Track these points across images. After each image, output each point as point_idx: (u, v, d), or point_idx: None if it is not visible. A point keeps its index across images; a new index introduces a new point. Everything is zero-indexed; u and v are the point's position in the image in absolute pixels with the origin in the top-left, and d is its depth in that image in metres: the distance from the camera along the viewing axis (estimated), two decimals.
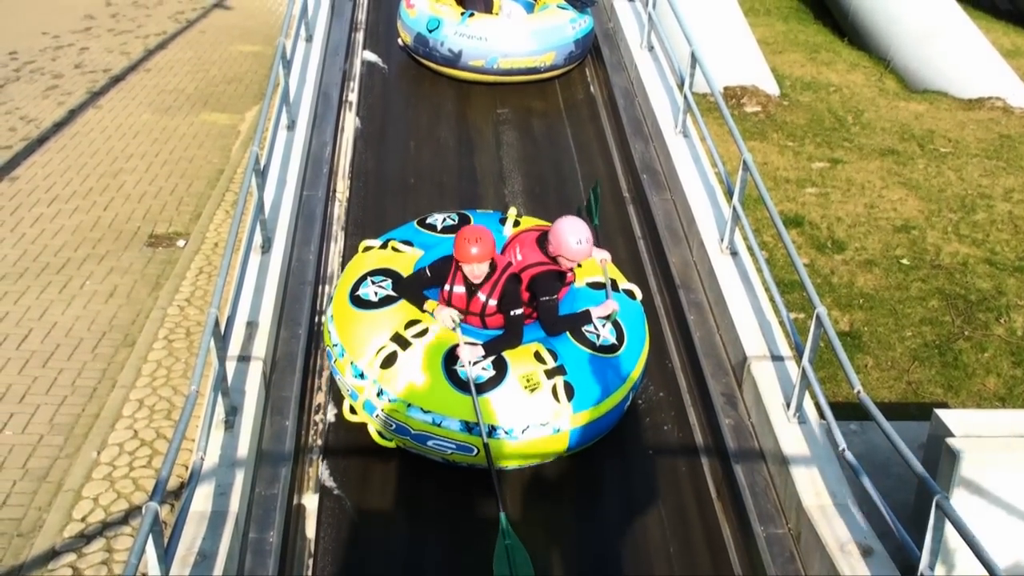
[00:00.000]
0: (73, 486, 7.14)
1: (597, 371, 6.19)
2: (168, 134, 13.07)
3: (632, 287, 6.99)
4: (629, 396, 6.44)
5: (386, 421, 6.09)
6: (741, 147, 7.63)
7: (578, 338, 6.28)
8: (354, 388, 6.21)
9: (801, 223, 11.84)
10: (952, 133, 14.80)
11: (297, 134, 8.99)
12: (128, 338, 8.83)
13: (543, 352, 6.15)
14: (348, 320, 6.35)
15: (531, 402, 5.96)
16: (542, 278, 6.29)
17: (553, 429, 6.01)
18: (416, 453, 6.21)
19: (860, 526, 5.57)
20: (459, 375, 5.95)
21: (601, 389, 6.16)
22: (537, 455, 6.15)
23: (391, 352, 6.09)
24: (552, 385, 6.01)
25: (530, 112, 10.58)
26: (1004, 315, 10.31)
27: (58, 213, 10.88)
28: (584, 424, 6.11)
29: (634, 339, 6.51)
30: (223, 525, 5.29)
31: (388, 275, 6.56)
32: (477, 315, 6.29)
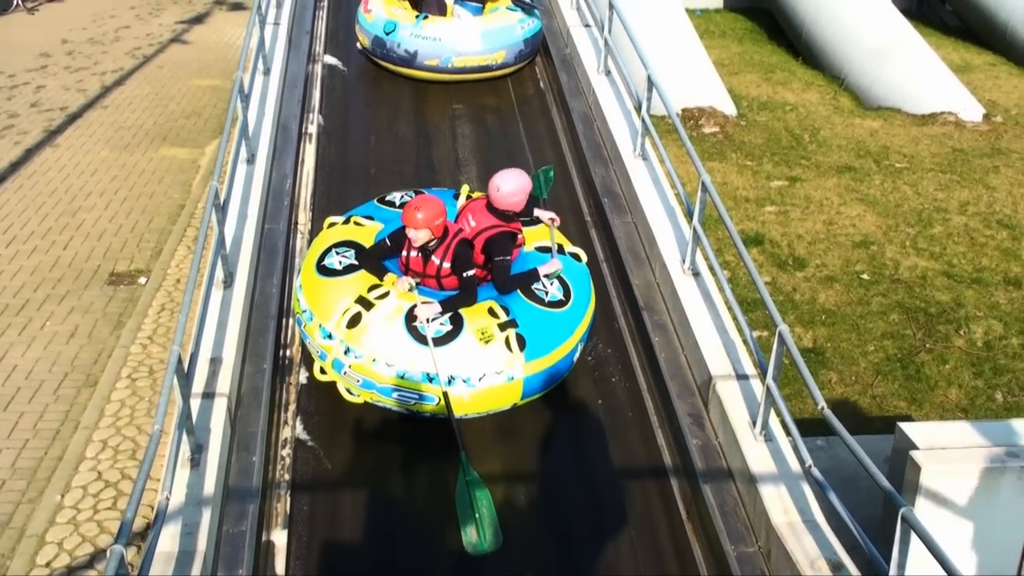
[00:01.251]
0: (37, 531, 7.04)
1: (547, 324, 6.79)
2: (127, 171, 12.99)
3: (578, 251, 7.63)
4: (577, 348, 7.00)
5: (354, 377, 6.60)
6: (699, 168, 7.69)
7: (528, 295, 6.90)
8: (323, 348, 6.72)
9: (762, 242, 11.95)
10: (907, 149, 15.02)
11: (257, 167, 8.97)
12: (90, 378, 8.74)
13: (496, 308, 6.75)
14: (315, 287, 6.89)
15: (486, 353, 6.53)
16: (496, 239, 6.96)
17: (507, 377, 6.57)
18: (382, 407, 6.72)
19: (829, 542, 5.60)
20: (419, 330, 6.50)
21: (551, 340, 6.74)
22: (494, 403, 6.69)
23: (356, 313, 6.64)
24: (505, 337, 6.59)
25: (484, 108, 11.19)
26: (963, 327, 10.44)
27: (16, 254, 10.77)
28: (536, 373, 6.68)
29: (580, 296, 7.12)
30: (191, 565, 5.23)
31: (351, 246, 7.14)
32: (433, 277, 6.88)
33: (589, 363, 7.49)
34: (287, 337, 7.64)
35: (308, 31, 12.32)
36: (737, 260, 11.04)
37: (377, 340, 6.56)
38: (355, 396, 6.77)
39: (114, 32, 19.27)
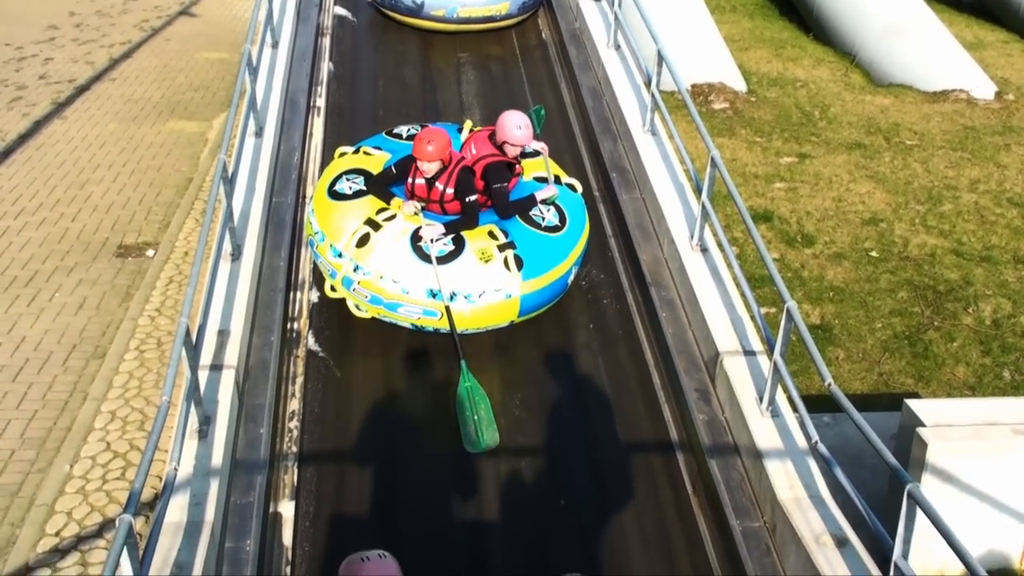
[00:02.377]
0: (46, 500, 7.08)
1: (543, 247, 7.27)
2: (135, 143, 12.98)
3: (573, 181, 8.08)
4: (571, 271, 7.49)
5: (362, 293, 7.09)
6: (709, 144, 7.66)
7: (526, 220, 7.38)
8: (333, 267, 7.21)
9: (770, 218, 11.91)
10: (917, 126, 14.93)
11: (265, 141, 8.96)
12: (99, 350, 8.76)
13: (496, 231, 7.24)
14: (326, 210, 7.38)
15: (486, 271, 7.03)
16: (493, 167, 7.45)
17: (505, 295, 7.08)
18: (389, 322, 7.22)
19: (834, 517, 5.61)
20: (423, 250, 6.98)
21: (547, 262, 7.23)
22: (493, 320, 7.18)
23: (364, 233, 7.14)
24: (504, 257, 7.09)
25: (488, 56, 11.61)
26: (972, 305, 10.41)
27: (25, 226, 10.78)
28: (532, 291, 7.17)
29: (575, 223, 7.59)
30: (199, 535, 5.26)
31: (360, 174, 7.62)
32: (437, 202, 7.32)
33: (583, 287, 8.03)
34: (295, 310, 7.65)
35: None
36: (745, 236, 11.00)
37: (384, 258, 7.03)
38: (363, 312, 7.24)
39: (122, 4, 19.20)
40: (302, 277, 8.01)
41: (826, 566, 5.26)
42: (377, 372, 7.20)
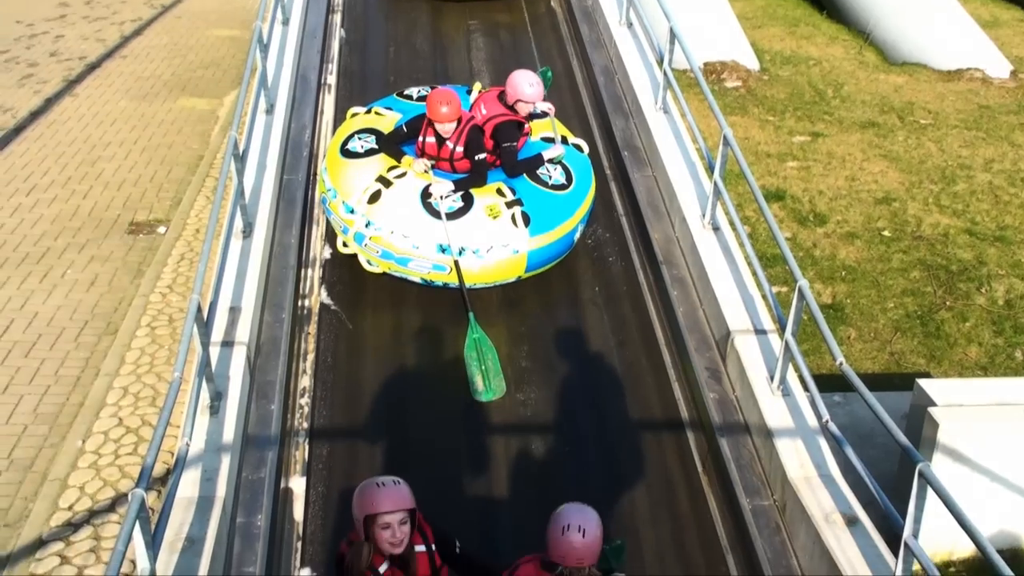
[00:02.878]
0: (59, 475, 7.13)
1: (550, 205, 7.44)
2: (146, 121, 12.98)
3: (580, 141, 8.22)
4: (577, 228, 7.67)
5: (373, 248, 7.28)
6: (721, 122, 7.62)
7: (534, 178, 7.53)
8: (345, 223, 7.40)
9: (783, 197, 11.86)
10: (932, 105, 14.84)
11: (276, 118, 8.94)
12: (111, 326, 8.79)
13: (504, 188, 7.39)
14: (339, 168, 7.57)
15: (494, 226, 7.20)
16: (504, 126, 7.55)
17: (513, 251, 7.25)
18: (399, 276, 7.43)
19: (844, 496, 5.60)
20: (433, 206, 7.15)
21: (553, 219, 7.41)
22: (500, 275, 7.37)
23: (376, 190, 7.31)
24: (511, 214, 7.26)
25: (497, 24, 11.69)
26: (985, 285, 10.37)
27: (37, 202, 10.81)
28: (539, 248, 7.36)
29: (581, 182, 7.76)
30: (210, 510, 5.28)
31: (372, 133, 7.77)
32: (447, 160, 7.48)
33: (589, 245, 8.22)
34: (306, 287, 7.66)
35: None
36: (757, 215, 10.97)
37: (395, 214, 7.22)
38: (374, 267, 7.47)
39: None
40: (313, 255, 8.01)
41: (836, 545, 5.25)
42: (387, 325, 7.42)
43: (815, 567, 5.38)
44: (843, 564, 5.14)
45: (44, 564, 6.43)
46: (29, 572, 6.37)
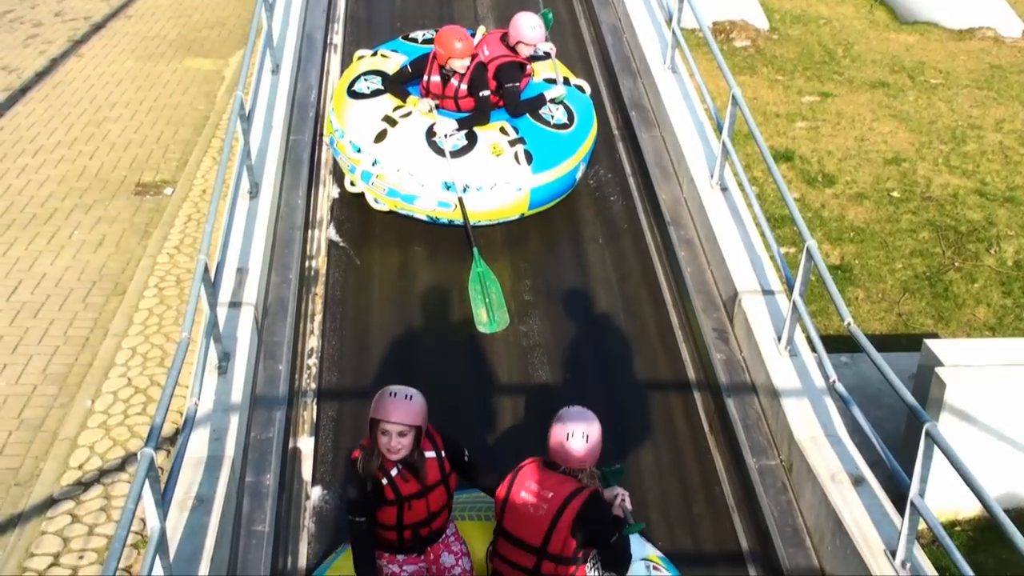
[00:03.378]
0: (69, 435, 7.17)
1: (552, 143, 7.65)
2: (152, 81, 12.92)
3: (582, 82, 8.40)
4: (579, 167, 7.87)
5: (380, 186, 7.50)
6: (730, 82, 7.57)
7: (536, 118, 7.75)
8: (352, 162, 7.63)
9: (791, 158, 11.80)
10: (943, 64, 14.70)
11: (282, 78, 8.90)
12: (118, 287, 8.81)
13: (507, 127, 7.61)
14: (346, 109, 7.80)
15: (497, 164, 7.42)
16: (506, 67, 7.73)
17: (516, 188, 7.48)
18: (405, 214, 7.64)
19: (851, 456, 5.61)
20: (437, 144, 7.36)
21: (555, 157, 7.61)
22: (503, 212, 7.57)
23: (382, 129, 7.53)
24: (514, 152, 7.47)
25: None
26: (994, 245, 10.33)
27: (43, 163, 10.79)
28: (541, 185, 7.56)
29: (583, 122, 7.96)
30: (219, 469, 5.32)
31: (377, 74, 7.95)
32: (451, 99, 7.68)
33: (591, 185, 8.42)
34: (313, 248, 7.66)
35: None
36: (766, 176, 10.91)
37: (401, 152, 7.43)
38: (381, 205, 7.67)
39: None
40: (320, 215, 8.00)
41: (842, 504, 5.27)
42: (394, 261, 7.69)
43: (821, 526, 5.41)
44: (849, 523, 5.16)
45: (55, 522, 6.49)
46: (40, 530, 6.43)
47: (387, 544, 4.67)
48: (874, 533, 5.12)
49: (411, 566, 4.72)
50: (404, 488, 4.50)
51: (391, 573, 4.71)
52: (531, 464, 4.59)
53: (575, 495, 4.40)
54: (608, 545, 4.46)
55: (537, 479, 4.50)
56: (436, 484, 4.59)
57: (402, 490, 4.50)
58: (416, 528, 4.62)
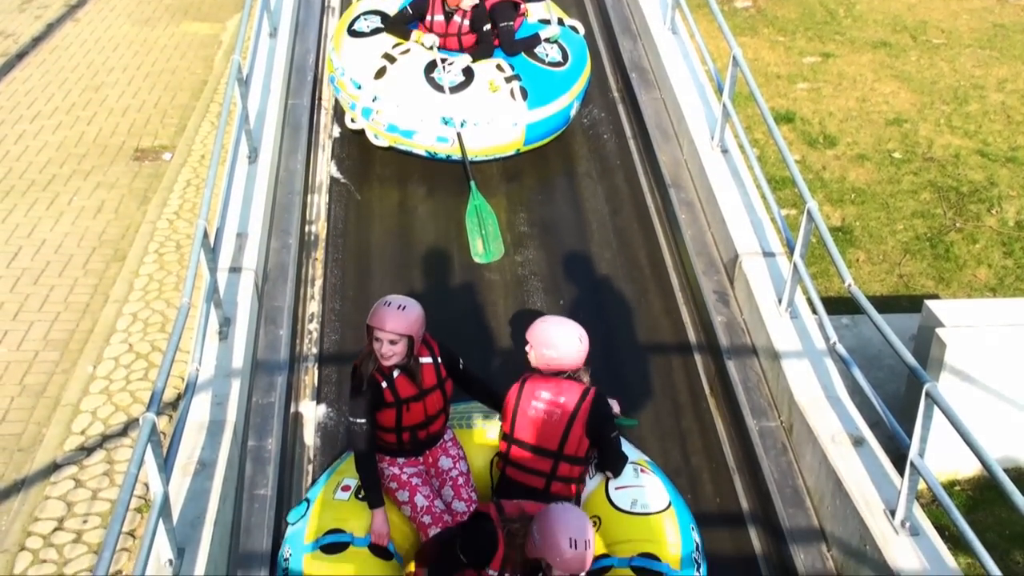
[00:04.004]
0: (71, 400, 7.19)
1: (547, 81, 7.91)
2: (149, 46, 12.84)
3: (575, 23, 8.60)
4: (573, 104, 8.10)
5: (380, 122, 7.76)
6: (731, 43, 7.51)
7: (531, 56, 8.00)
8: (353, 99, 7.86)
9: (792, 119, 11.74)
10: (945, 23, 14.59)
11: (280, 42, 8.84)
12: (118, 253, 8.80)
13: (503, 64, 7.86)
14: (346, 47, 8.00)
15: (494, 99, 7.68)
16: (500, 6, 7.92)
17: (512, 124, 7.72)
18: (404, 150, 7.88)
19: (851, 417, 5.63)
20: (436, 80, 7.59)
21: (550, 94, 7.87)
22: (500, 147, 7.82)
23: (382, 66, 7.76)
24: (510, 88, 7.73)
25: None
26: (996, 206, 10.30)
27: (41, 129, 10.75)
28: (536, 121, 7.81)
29: (577, 60, 8.22)
30: (221, 434, 5.33)
31: (377, 14, 8.14)
32: (455, 36, 7.93)
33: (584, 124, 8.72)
34: (312, 213, 7.64)
35: None
36: (766, 138, 10.86)
37: (400, 88, 7.65)
38: (381, 141, 7.90)
39: None
40: (319, 180, 7.98)
41: (842, 464, 5.29)
42: (393, 196, 7.98)
43: (821, 487, 5.43)
44: (849, 483, 5.18)
45: (59, 487, 6.52)
46: (44, 495, 6.47)
47: (387, 448, 4.92)
48: (874, 493, 5.14)
49: (411, 468, 4.97)
50: (402, 391, 4.75)
51: (392, 475, 4.95)
52: (534, 377, 4.89)
53: (584, 397, 4.79)
54: (608, 442, 4.89)
55: (545, 388, 4.83)
56: (432, 388, 4.85)
57: (400, 393, 4.75)
58: (414, 430, 4.89)
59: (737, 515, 5.77)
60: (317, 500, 5.02)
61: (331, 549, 4.78)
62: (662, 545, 4.77)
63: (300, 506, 5.11)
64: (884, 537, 4.89)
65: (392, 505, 4.96)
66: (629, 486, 5.02)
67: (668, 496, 5.04)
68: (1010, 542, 6.53)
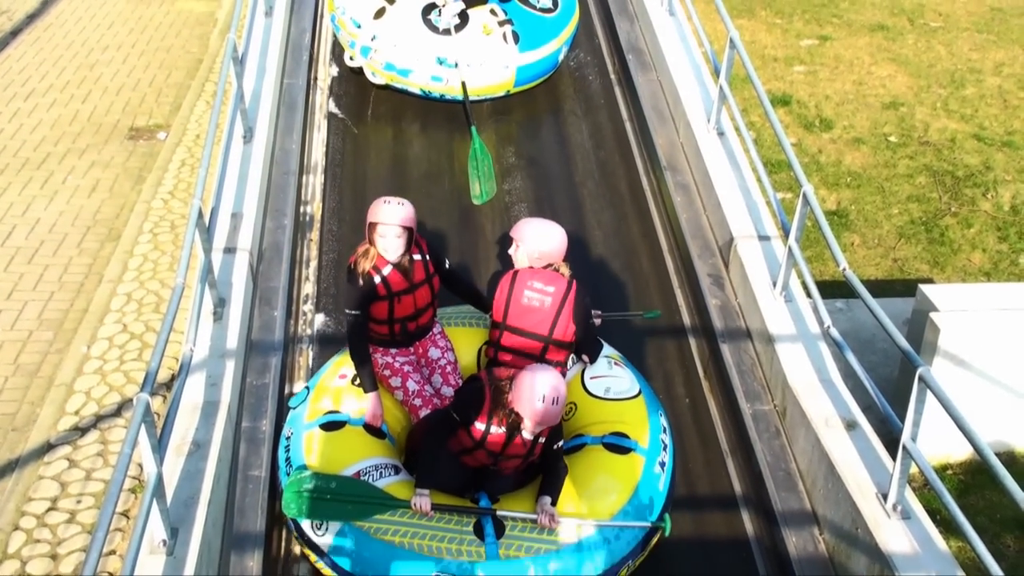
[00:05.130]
0: (65, 380, 7.18)
1: (537, 26, 8.50)
2: (144, 23, 12.78)
3: None
4: (561, 49, 8.71)
5: (378, 60, 8.31)
6: (728, 25, 7.49)
7: (523, 2, 8.58)
8: (352, 37, 8.43)
9: (789, 102, 11.72)
10: (943, 7, 14.56)
11: (275, 21, 8.79)
12: (113, 232, 8.78)
13: (496, 9, 8.42)
14: None
15: (487, 42, 8.27)
16: None
17: (503, 66, 8.31)
18: (400, 89, 8.46)
19: (844, 401, 5.64)
20: (433, 22, 8.16)
21: (540, 38, 8.47)
22: (492, 88, 8.41)
23: (381, 7, 8.32)
24: (503, 32, 8.31)
25: None
26: (991, 190, 10.30)
27: (35, 107, 10.69)
28: (527, 64, 8.42)
29: (566, 8, 8.83)
30: (215, 415, 5.33)
31: None
32: None
33: (571, 67, 9.30)
34: (307, 193, 7.63)
35: None
36: (763, 120, 10.85)
37: (398, 29, 8.17)
38: (378, 79, 8.46)
39: None
40: (315, 160, 7.96)
41: (835, 448, 5.31)
42: (389, 132, 8.46)
43: (814, 470, 5.45)
44: (841, 467, 5.20)
45: (53, 467, 6.52)
46: (38, 475, 6.47)
47: (381, 339, 5.37)
48: (866, 477, 5.16)
49: (403, 357, 5.44)
50: (394, 285, 5.19)
51: (385, 363, 5.39)
52: (524, 269, 5.39)
53: (570, 286, 5.32)
54: (588, 329, 5.42)
55: (535, 279, 5.34)
56: (422, 283, 5.31)
57: (392, 286, 5.18)
58: (405, 322, 5.34)
59: (730, 498, 5.79)
60: (316, 387, 5.45)
61: (329, 427, 5.20)
62: (632, 426, 5.27)
63: (301, 393, 5.53)
64: (876, 520, 4.92)
65: (386, 392, 5.41)
66: (603, 376, 5.56)
67: (638, 385, 5.56)
68: (1001, 526, 6.56)
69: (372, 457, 5.04)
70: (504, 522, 4.77)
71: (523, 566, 4.68)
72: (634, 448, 5.12)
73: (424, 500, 4.76)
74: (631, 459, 5.08)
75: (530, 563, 4.67)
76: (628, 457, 5.09)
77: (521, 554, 4.69)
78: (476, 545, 4.69)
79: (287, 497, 4.75)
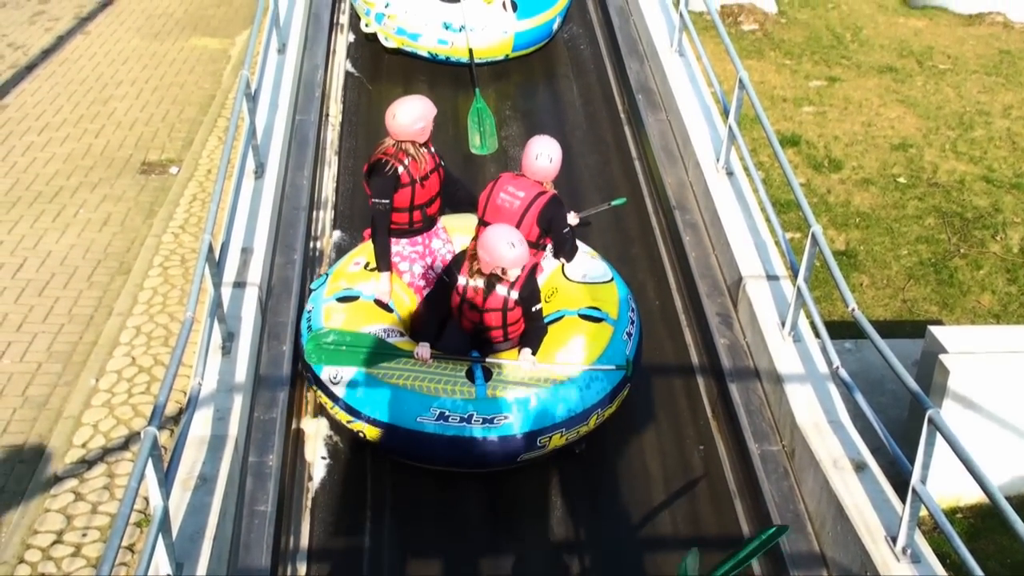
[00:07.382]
0: (73, 413, 7.18)
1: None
2: (158, 60, 12.89)
3: None
4: (556, 19, 9.89)
5: (390, 26, 9.54)
6: (737, 66, 7.53)
7: None
8: (368, 5, 9.66)
9: (798, 142, 11.76)
10: (951, 49, 14.63)
11: (288, 57, 8.88)
12: (123, 266, 8.81)
13: None
14: None
15: (488, 9, 9.58)
16: None
17: (502, 31, 9.57)
18: (410, 52, 9.70)
19: (853, 442, 5.61)
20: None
21: (536, 8, 9.70)
22: (491, 50, 9.63)
23: None
24: (503, 1, 9.53)
25: None
26: (1000, 232, 10.30)
27: (49, 141, 10.78)
28: (524, 31, 9.64)
29: None
30: (223, 449, 5.33)
31: None
32: None
33: (564, 38, 10.42)
34: (317, 228, 7.66)
35: None
36: (772, 160, 10.88)
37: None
38: (390, 43, 9.68)
39: None
40: (325, 196, 8.00)
41: (843, 489, 5.28)
42: (399, 89, 9.01)
43: (822, 512, 5.41)
44: (850, 509, 5.17)
45: (59, 500, 6.51)
46: (44, 508, 6.45)
47: (398, 229, 6.26)
48: (875, 519, 5.12)
49: (411, 246, 6.40)
50: (415, 172, 6.14)
51: (396, 251, 6.31)
52: (508, 174, 6.34)
53: (539, 196, 6.15)
54: (560, 236, 6.24)
55: (511, 183, 6.23)
56: (433, 170, 6.27)
57: (413, 174, 6.13)
58: (424, 208, 6.28)
59: (738, 539, 5.74)
60: (334, 272, 6.47)
61: (344, 300, 6.18)
62: (604, 303, 6.22)
63: (320, 278, 6.52)
64: (885, 563, 4.87)
65: (396, 277, 6.34)
66: (580, 265, 6.46)
67: (611, 274, 6.50)
68: (1012, 571, 6.50)
69: (380, 324, 6.02)
70: (492, 369, 5.80)
71: (506, 404, 5.65)
72: (605, 319, 6.10)
73: (424, 349, 5.77)
74: (603, 327, 6.05)
75: (513, 403, 5.64)
76: (600, 325, 6.06)
77: (505, 394, 5.67)
78: (467, 386, 5.69)
79: (308, 348, 5.78)
